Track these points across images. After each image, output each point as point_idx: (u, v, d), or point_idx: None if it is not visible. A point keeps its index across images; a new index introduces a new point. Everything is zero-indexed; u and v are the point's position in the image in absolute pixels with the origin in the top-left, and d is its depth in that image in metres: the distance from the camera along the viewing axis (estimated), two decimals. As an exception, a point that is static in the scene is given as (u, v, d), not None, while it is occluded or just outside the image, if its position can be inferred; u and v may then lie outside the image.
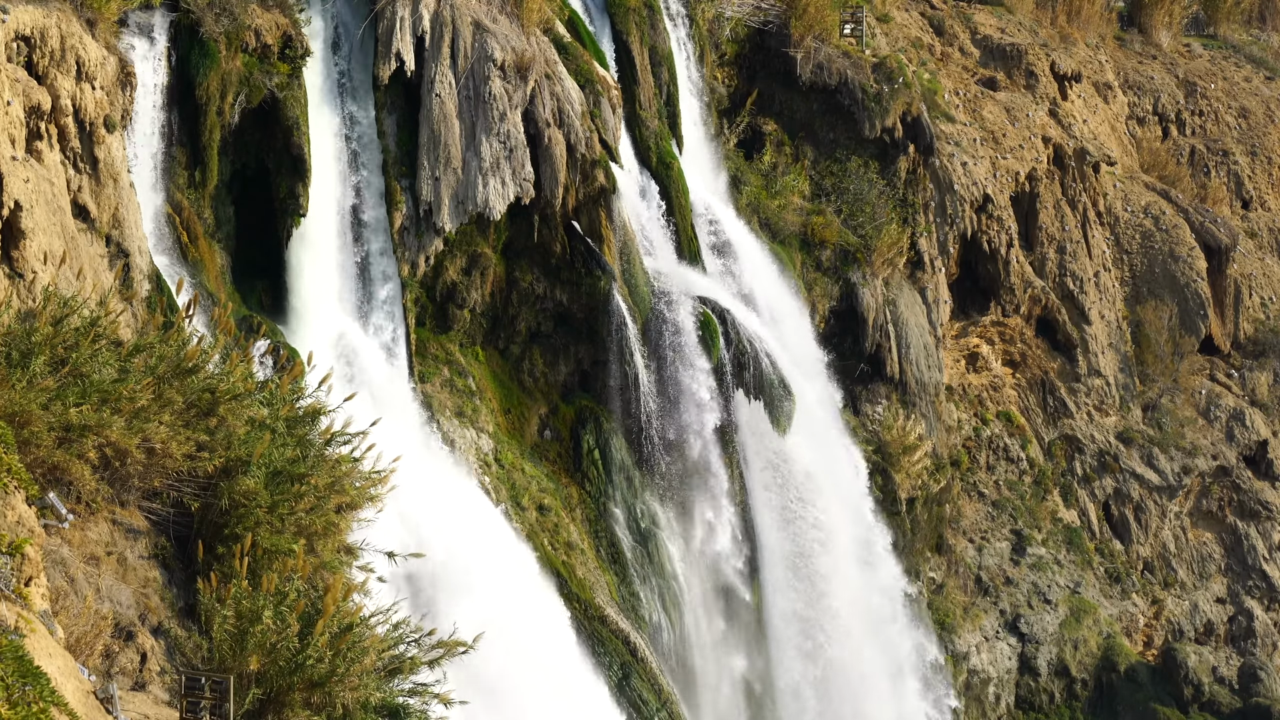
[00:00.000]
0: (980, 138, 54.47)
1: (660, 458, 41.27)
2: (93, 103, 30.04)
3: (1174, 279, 58.98)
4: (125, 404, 19.99)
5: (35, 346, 19.72)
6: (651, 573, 40.64)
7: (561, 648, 36.53)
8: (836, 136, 50.44)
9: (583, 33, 42.93)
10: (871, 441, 48.04)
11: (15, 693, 13.81)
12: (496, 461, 38.96)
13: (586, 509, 40.55)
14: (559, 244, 40.41)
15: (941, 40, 59.19)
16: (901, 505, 48.40)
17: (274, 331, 34.68)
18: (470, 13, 38.92)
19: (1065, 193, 57.10)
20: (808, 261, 47.94)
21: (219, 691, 17.66)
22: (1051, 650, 51.60)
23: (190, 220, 34.60)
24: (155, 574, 20.46)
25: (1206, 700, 52.65)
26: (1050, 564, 52.95)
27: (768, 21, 50.00)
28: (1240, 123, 66.89)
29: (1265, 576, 56.88)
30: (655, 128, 44.17)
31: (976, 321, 54.71)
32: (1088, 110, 60.81)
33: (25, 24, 28.62)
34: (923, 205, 51.00)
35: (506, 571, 36.07)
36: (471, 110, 38.55)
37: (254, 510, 20.50)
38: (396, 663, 20.06)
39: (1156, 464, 56.25)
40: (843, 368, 48.04)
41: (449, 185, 38.21)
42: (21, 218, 26.66)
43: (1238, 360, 60.46)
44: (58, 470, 19.48)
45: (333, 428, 22.79)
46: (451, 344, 39.75)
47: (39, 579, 16.44)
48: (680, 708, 39.22)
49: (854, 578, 45.13)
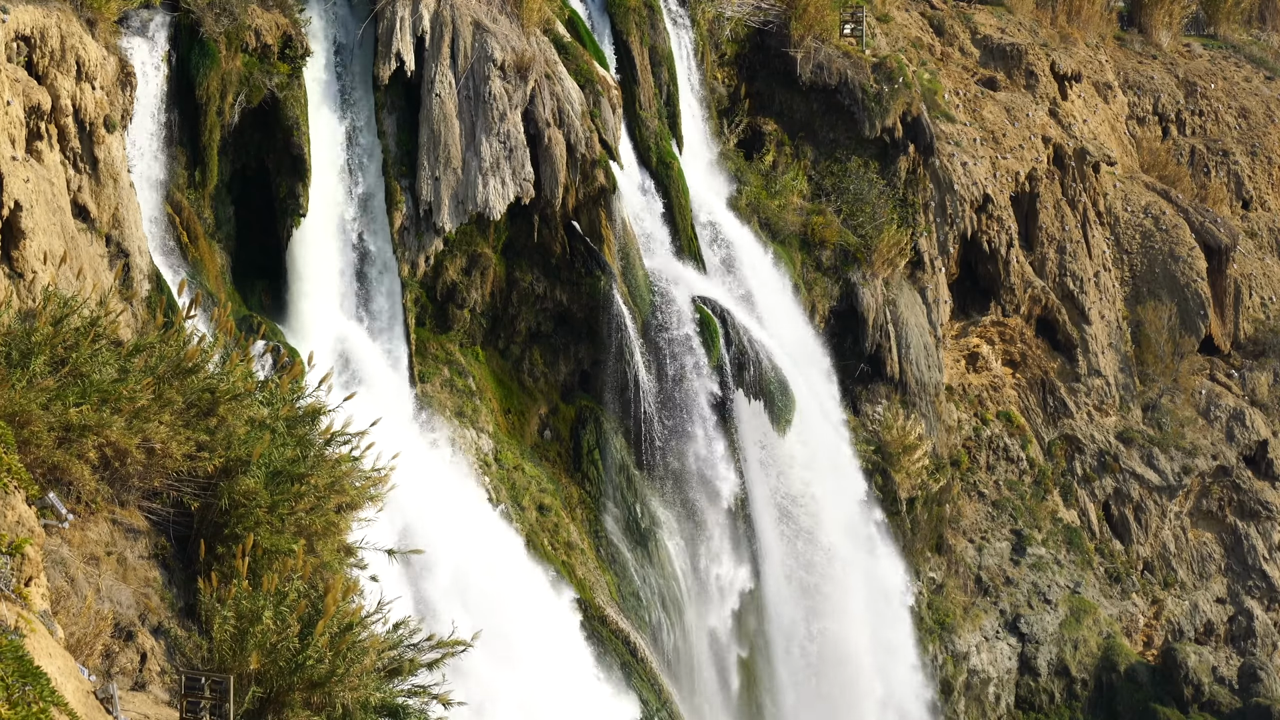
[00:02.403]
0: (980, 138, 54.47)
1: (660, 458, 41.27)
2: (93, 103, 30.03)
3: (1174, 279, 58.97)
4: (125, 404, 19.99)
5: (35, 346, 19.72)
6: (651, 573, 40.63)
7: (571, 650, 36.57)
8: (836, 136, 50.42)
9: (583, 33, 42.93)
10: (871, 441, 48.04)
11: (15, 693, 13.80)
12: (496, 461, 38.96)
13: (586, 509, 40.54)
14: (559, 244, 40.41)
15: (941, 40, 59.18)
16: (901, 505, 48.40)
17: (274, 331, 34.67)
18: (470, 13, 38.91)
19: (1065, 193, 57.09)
20: (808, 261, 47.93)
21: (219, 691, 17.66)
22: (1051, 650, 51.60)
23: (190, 220, 34.59)
24: (155, 574, 20.46)
25: (1206, 700, 52.63)
26: (1050, 564, 52.94)
27: (768, 21, 50.00)
28: (1240, 123, 66.88)
29: (1265, 576, 56.87)
30: (655, 128, 44.17)
31: (976, 321, 54.70)
32: (1088, 110, 60.81)
33: (25, 24, 28.61)
34: (923, 205, 50.99)
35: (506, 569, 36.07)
36: (471, 110, 38.55)
37: (254, 510, 20.49)
38: (396, 663, 20.06)
39: (1156, 464, 56.25)
40: (843, 368, 48.04)
41: (449, 185, 38.20)
42: (21, 218, 26.66)
43: (1238, 360, 60.46)
44: (58, 470, 19.48)
45: (332, 427, 22.79)
46: (451, 344, 39.75)
47: (39, 579, 16.44)
48: (680, 707, 39.22)
49: (853, 578, 45.11)
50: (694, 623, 41.38)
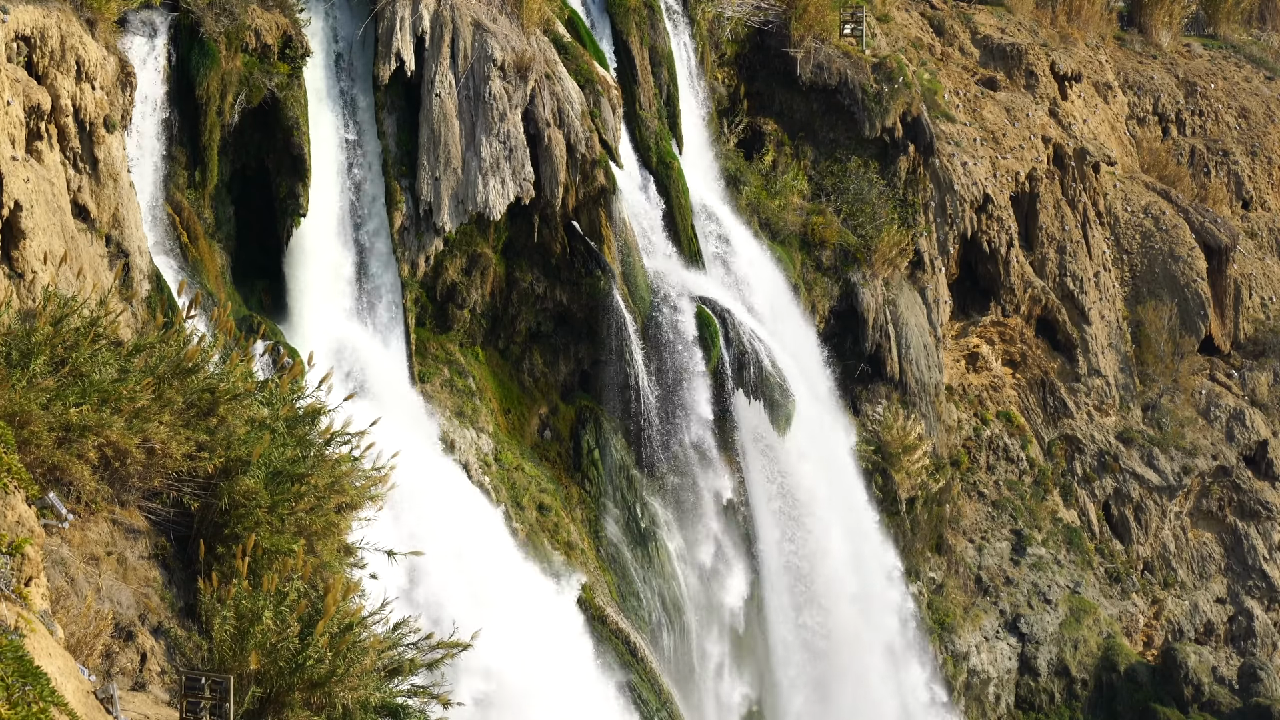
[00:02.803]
0: (980, 138, 54.47)
1: (660, 458, 41.26)
2: (93, 103, 30.03)
3: (1174, 279, 58.97)
4: (125, 404, 19.98)
5: (35, 346, 19.71)
6: (651, 573, 40.63)
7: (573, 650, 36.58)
8: (836, 136, 50.43)
9: (583, 33, 42.93)
10: (871, 441, 48.04)
11: (15, 693, 13.80)
12: (496, 461, 38.96)
13: (586, 509, 40.55)
14: (559, 244, 40.41)
15: (941, 40, 59.18)
16: (901, 505, 48.40)
17: (274, 331, 34.67)
18: (470, 13, 38.91)
19: (1065, 193, 57.09)
20: (808, 261, 47.93)
21: (219, 691, 17.66)
22: (1051, 650, 51.60)
23: (190, 220, 34.59)
24: (155, 574, 20.45)
25: (1206, 700, 52.63)
26: (1050, 564, 52.94)
27: (768, 21, 50.00)
28: (1240, 123, 66.88)
29: (1265, 576, 56.87)
30: (655, 128, 44.17)
31: (976, 321, 54.70)
32: (1088, 110, 60.80)
33: (25, 24, 28.61)
34: (923, 205, 50.99)
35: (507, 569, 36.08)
36: (471, 110, 38.55)
37: (254, 510, 20.49)
38: (396, 663, 20.05)
39: (1156, 464, 56.25)
40: (843, 368, 48.04)
41: (449, 185, 38.21)
42: (21, 218, 26.66)
43: (1238, 360, 60.46)
44: (58, 470, 19.47)
45: (332, 427, 22.78)
46: (451, 344, 39.75)
47: (39, 579, 16.44)
48: (680, 707, 39.22)
49: (853, 578, 45.11)
50: (694, 622, 41.38)
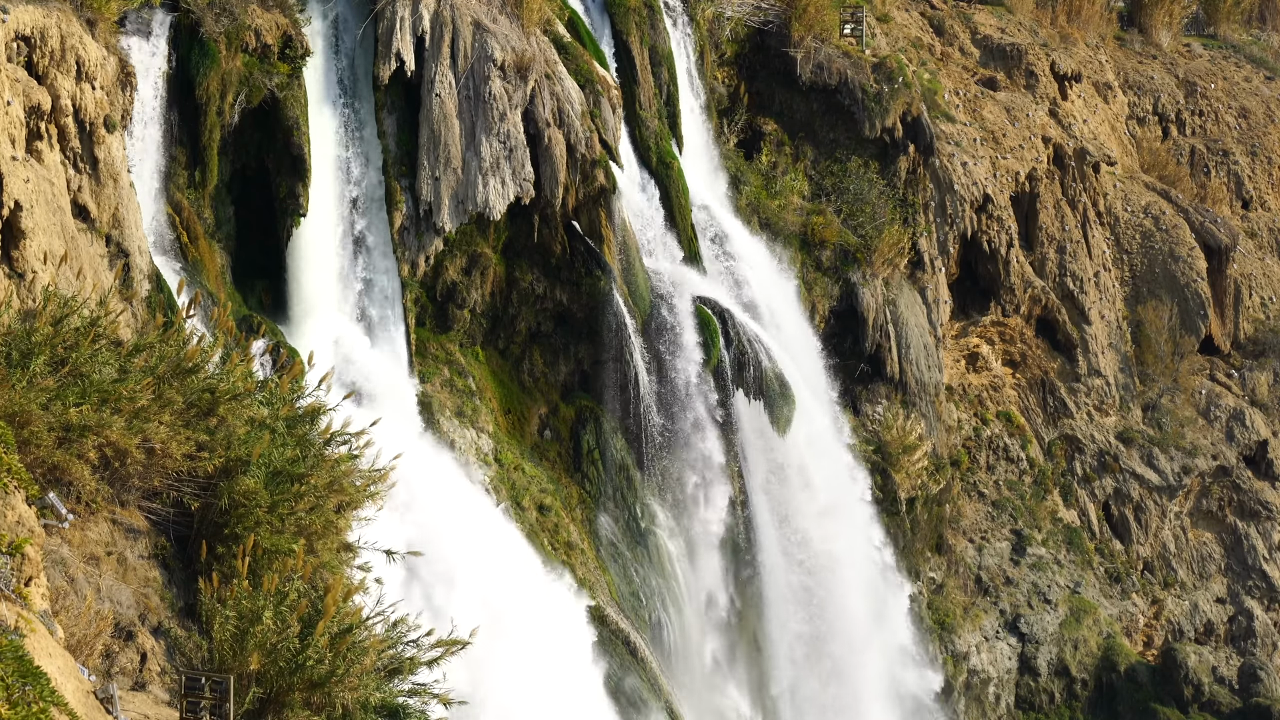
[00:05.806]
0: (980, 138, 54.47)
1: (660, 458, 41.28)
2: (93, 103, 30.04)
3: (1174, 279, 58.97)
4: (125, 404, 19.98)
5: (35, 346, 19.71)
6: (651, 573, 40.64)
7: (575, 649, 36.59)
8: (836, 136, 50.43)
9: (583, 33, 42.94)
10: (871, 441, 48.04)
11: (15, 693, 13.80)
12: (496, 461, 38.96)
13: (586, 509, 40.55)
14: (559, 244, 40.42)
15: (941, 40, 59.18)
16: (901, 505, 48.39)
17: (274, 331, 34.69)
18: (470, 13, 38.92)
19: (1065, 193, 57.09)
20: (808, 261, 47.93)
21: (219, 691, 17.66)
22: (1051, 650, 51.59)
23: (190, 220, 34.60)
24: (155, 574, 20.45)
25: (1206, 700, 52.63)
26: (1050, 564, 52.94)
27: (768, 21, 50.00)
28: (1240, 123, 66.88)
29: (1265, 576, 56.87)
30: (655, 128, 44.18)
31: (976, 321, 54.69)
32: (1088, 110, 60.80)
33: (25, 24, 28.62)
34: (923, 205, 50.99)
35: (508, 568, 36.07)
36: (471, 110, 38.56)
37: (254, 510, 20.48)
38: (396, 662, 20.05)
39: (1156, 464, 56.25)
40: (843, 368, 48.04)
41: (449, 185, 38.22)
42: (21, 218, 26.67)
43: (1238, 360, 60.46)
44: (58, 470, 19.47)
45: (332, 427, 22.79)
46: (451, 344, 39.75)
47: (39, 579, 16.44)
48: (679, 707, 39.22)
49: (853, 578, 45.12)
50: (693, 622, 41.39)
